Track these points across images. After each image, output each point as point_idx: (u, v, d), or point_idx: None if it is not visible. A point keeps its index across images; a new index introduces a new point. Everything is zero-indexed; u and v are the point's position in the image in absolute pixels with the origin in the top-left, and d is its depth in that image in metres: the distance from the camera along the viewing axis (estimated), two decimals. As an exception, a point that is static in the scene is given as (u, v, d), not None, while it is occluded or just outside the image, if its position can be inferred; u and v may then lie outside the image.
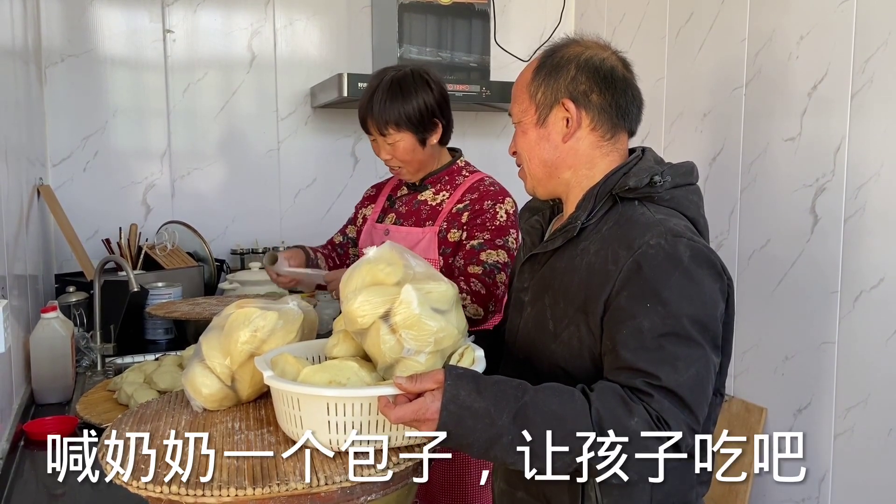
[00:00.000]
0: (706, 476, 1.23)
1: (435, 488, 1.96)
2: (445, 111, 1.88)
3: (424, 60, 3.00)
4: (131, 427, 1.15)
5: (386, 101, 1.81)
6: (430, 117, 1.84)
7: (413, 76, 1.85)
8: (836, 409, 2.14)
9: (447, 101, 1.89)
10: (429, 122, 1.84)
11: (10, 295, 1.66)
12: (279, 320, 1.23)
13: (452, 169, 1.96)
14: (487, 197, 1.88)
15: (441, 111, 1.86)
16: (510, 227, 1.85)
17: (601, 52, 1.21)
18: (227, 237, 3.06)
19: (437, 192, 1.94)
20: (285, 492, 0.93)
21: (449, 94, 1.92)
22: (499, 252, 1.81)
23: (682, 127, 2.74)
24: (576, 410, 1.01)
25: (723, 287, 1.12)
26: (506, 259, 1.82)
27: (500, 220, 1.85)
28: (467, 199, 1.89)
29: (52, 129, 2.79)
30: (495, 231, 1.84)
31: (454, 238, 1.88)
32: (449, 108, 1.90)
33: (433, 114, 1.84)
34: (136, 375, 1.80)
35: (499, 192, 1.90)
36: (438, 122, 1.86)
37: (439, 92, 1.87)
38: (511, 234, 1.85)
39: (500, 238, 1.83)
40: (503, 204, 1.87)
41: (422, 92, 1.83)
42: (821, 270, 2.16)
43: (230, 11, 3.00)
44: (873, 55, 2.00)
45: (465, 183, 1.93)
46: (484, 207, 1.86)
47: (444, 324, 1.09)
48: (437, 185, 1.95)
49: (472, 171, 1.98)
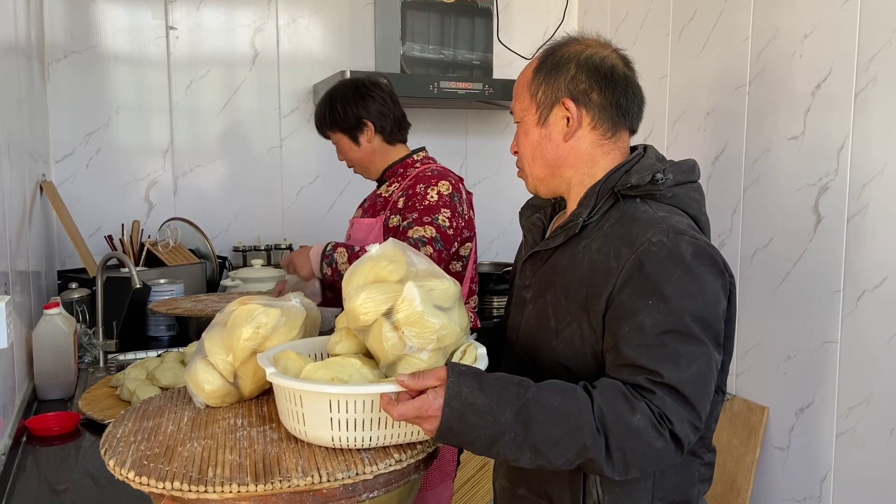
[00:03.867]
0: (708, 473, 1.24)
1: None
2: (380, 114, 2.06)
3: (427, 58, 3.00)
4: (133, 423, 1.15)
5: (321, 108, 2.10)
6: (359, 120, 2.05)
7: (345, 85, 2.09)
8: (839, 408, 2.14)
9: (386, 105, 2.07)
10: (355, 122, 2.05)
11: (12, 291, 1.66)
12: (282, 317, 1.23)
13: (406, 162, 2.11)
14: (421, 181, 2.00)
15: (374, 114, 2.05)
16: (441, 207, 1.95)
17: (602, 50, 1.21)
18: (230, 234, 3.06)
19: (390, 185, 2.10)
20: (287, 488, 0.93)
21: (389, 98, 2.09)
22: (426, 228, 1.91)
23: (685, 125, 2.74)
24: (578, 407, 1.01)
25: (724, 284, 1.12)
26: (433, 234, 1.91)
27: (431, 200, 1.96)
28: (406, 187, 2.02)
29: (55, 126, 2.79)
30: (423, 210, 1.94)
31: (393, 224, 2.01)
32: (388, 111, 2.07)
33: (361, 117, 2.04)
34: (138, 372, 1.80)
35: (435, 175, 2.02)
36: (368, 122, 2.05)
37: (374, 98, 2.06)
38: (442, 213, 1.94)
39: (428, 216, 1.93)
40: (435, 186, 1.98)
41: (351, 99, 2.05)
42: (824, 269, 2.16)
43: (233, 8, 3.00)
44: (877, 54, 2.00)
45: (412, 173, 2.06)
46: (416, 191, 1.98)
47: (447, 321, 1.09)
48: (392, 178, 2.11)
49: (424, 163, 2.10)
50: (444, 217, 1.93)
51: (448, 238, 1.92)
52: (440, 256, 1.91)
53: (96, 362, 2.18)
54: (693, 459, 1.20)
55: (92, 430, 1.66)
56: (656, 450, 1.02)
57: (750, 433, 2.40)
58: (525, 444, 1.00)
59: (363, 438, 1.02)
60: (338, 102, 2.06)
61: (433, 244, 1.89)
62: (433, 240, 1.89)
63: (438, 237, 1.90)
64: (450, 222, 1.93)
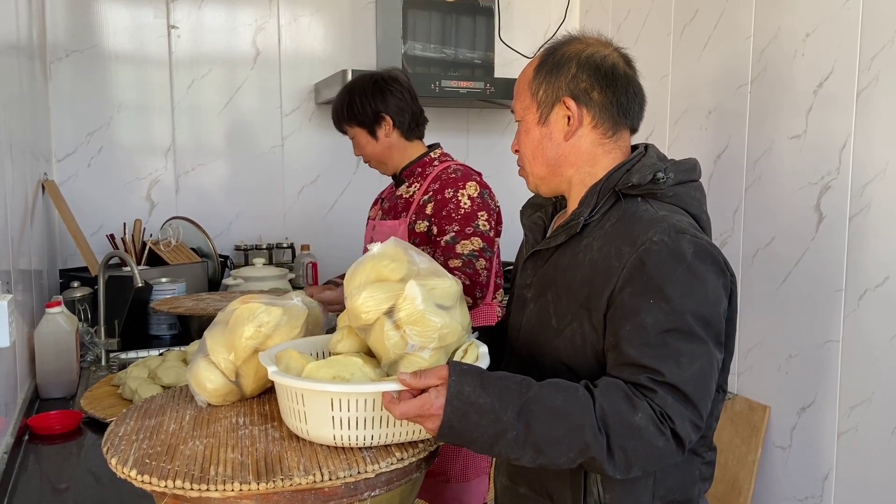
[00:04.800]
0: (709, 472, 1.24)
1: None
2: (398, 108, 2.04)
3: (428, 57, 3.00)
4: (135, 422, 1.15)
5: (338, 102, 2.07)
6: (375, 112, 2.02)
7: (364, 79, 2.06)
8: (840, 407, 2.14)
9: (404, 100, 2.05)
10: (374, 116, 2.02)
11: (14, 290, 1.67)
12: (283, 316, 1.23)
13: (424, 161, 2.08)
14: (448, 185, 1.97)
15: (393, 108, 2.03)
16: (477, 211, 1.93)
17: (602, 49, 1.21)
18: (231, 233, 3.07)
19: (410, 185, 2.07)
20: (289, 487, 0.94)
21: (408, 93, 2.06)
22: (472, 240, 1.90)
23: (686, 124, 2.74)
24: (580, 406, 1.01)
25: (726, 283, 1.12)
26: (481, 244, 1.90)
27: (465, 208, 1.93)
28: (431, 190, 1.99)
29: (57, 125, 2.80)
30: (462, 220, 1.92)
31: (421, 229, 1.98)
32: (406, 106, 2.05)
33: (379, 111, 2.02)
34: (140, 370, 1.81)
35: (460, 177, 1.99)
36: (386, 116, 2.02)
37: (393, 92, 2.03)
38: (480, 217, 1.93)
39: (470, 226, 1.91)
40: (464, 189, 1.96)
41: (369, 92, 2.02)
42: (825, 268, 2.16)
43: (234, 7, 3.00)
44: (879, 52, 1.99)
45: (432, 173, 2.03)
46: (446, 197, 1.95)
47: (448, 320, 1.09)
48: (411, 178, 2.08)
49: (442, 161, 2.08)
50: (483, 221, 1.92)
51: (491, 241, 1.93)
52: (491, 264, 1.92)
53: (98, 361, 2.19)
54: (694, 458, 1.20)
55: (94, 428, 1.67)
56: (657, 449, 1.02)
57: (751, 432, 2.40)
58: (527, 443, 1.00)
59: (365, 437, 1.02)
60: (356, 96, 2.03)
61: (483, 255, 1.88)
62: (482, 250, 1.89)
63: (486, 245, 1.90)
64: (489, 224, 1.93)
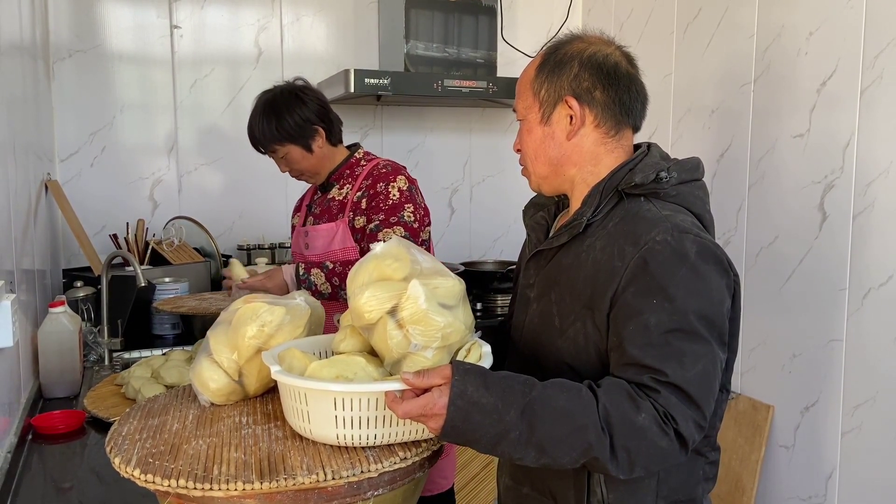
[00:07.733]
0: (712, 472, 1.23)
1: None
2: (323, 116, 2.03)
3: (431, 56, 3.00)
4: (139, 421, 1.15)
5: (263, 123, 2.00)
6: (309, 125, 2.00)
7: (283, 94, 2.01)
8: (844, 406, 2.13)
9: (324, 106, 2.04)
10: (308, 130, 2.00)
11: (18, 289, 1.67)
12: (286, 315, 1.23)
13: (351, 162, 2.10)
14: (380, 179, 2.02)
15: (319, 117, 2.02)
16: (404, 203, 1.99)
17: (605, 47, 1.20)
18: (234, 233, 3.07)
19: (342, 187, 2.10)
20: (292, 486, 0.94)
21: (322, 98, 2.06)
22: (394, 229, 1.95)
23: (689, 123, 2.73)
24: (583, 406, 1.01)
25: (729, 283, 1.12)
26: (403, 233, 1.95)
27: (393, 199, 1.98)
28: (364, 187, 2.03)
29: (60, 125, 2.80)
30: (389, 210, 1.97)
31: (360, 224, 2.02)
32: (327, 112, 2.05)
33: (310, 122, 2.00)
34: (143, 370, 1.81)
35: (390, 172, 2.03)
36: (318, 127, 2.02)
37: (312, 101, 2.02)
38: (406, 209, 1.98)
39: (395, 215, 1.97)
40: (395, 182, 2.01)
41: (294, 106, 1.99)
42: (829, 268, 2.15)
43: (237, 7, 3.00)
44: (883, 51, 1.99)
45: (363, 172, 2.07)
46: (377, 190, 2.00)
47: (452, 319, 1.09)
48: (340, 180, 2.11)
49: (369, 160, 2.11)
50: (409, 212, 1.98)
51: (415, 231, 1.98)
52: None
53: (101, 360, 2.19)
54: (698, 458, 1.20)
55: (97, 428, 1.67)
56: (661, 449, 1.02)
57: (755, 432, 2.40)
58: (530, 443, 1.00)
59: (368, 436, 1.02)
60: (284, 113, 1.97)
61: None
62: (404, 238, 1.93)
63: (408, 236, 1.96)
64: (414, 215, 1.99)
